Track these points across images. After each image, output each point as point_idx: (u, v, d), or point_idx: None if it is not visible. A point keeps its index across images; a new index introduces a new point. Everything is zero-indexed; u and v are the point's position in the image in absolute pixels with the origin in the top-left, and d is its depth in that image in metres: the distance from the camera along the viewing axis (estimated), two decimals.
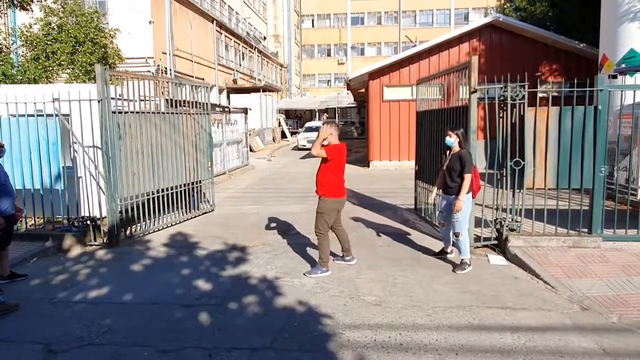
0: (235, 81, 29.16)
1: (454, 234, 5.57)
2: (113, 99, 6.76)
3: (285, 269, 5.73)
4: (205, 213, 9.00)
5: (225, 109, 15.25)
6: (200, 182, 8.92)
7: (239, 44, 31.49)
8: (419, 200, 8.56)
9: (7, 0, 12.54)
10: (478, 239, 6.33)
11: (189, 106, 8.46)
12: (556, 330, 3.99)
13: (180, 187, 8.27)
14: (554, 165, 6.09)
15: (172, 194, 8.06)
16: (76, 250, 6.65)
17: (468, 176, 5.39)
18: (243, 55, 32.67)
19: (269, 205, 9.83)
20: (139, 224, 7.36)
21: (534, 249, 6.05)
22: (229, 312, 4.51)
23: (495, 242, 6.34)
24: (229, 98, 28.07)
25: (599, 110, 5.92)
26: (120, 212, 6.97)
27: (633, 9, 8.98)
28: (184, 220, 8.30)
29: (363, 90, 21.01)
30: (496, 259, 5.96)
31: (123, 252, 6.55)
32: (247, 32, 34.33)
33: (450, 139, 5.56)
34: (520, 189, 6.21)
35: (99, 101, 6.65)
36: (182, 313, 4.50)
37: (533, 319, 4.21)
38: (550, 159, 6.09)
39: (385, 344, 3.81)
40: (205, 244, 6.89)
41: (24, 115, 6.69)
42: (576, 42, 14.46)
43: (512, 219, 6.32)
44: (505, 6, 20.98)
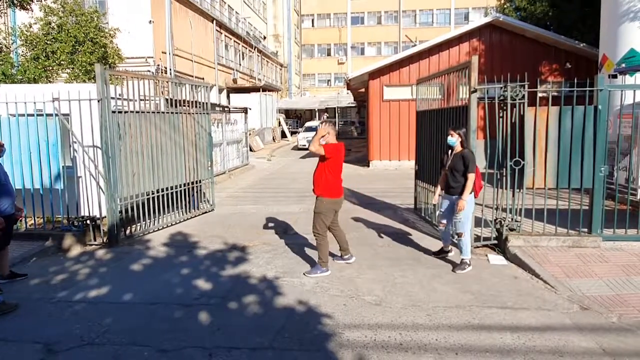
0: (235, 81, 29.16)
1: (457, 234, 5.55)
2: (113, 98, 6.77)
3: (285, 268, 5.73)
4: (205, 213, 9.00)
5: (225, 109, 15.25)
6: (200, 182, 8.92)
7: (239, 44, 31.48)
8: (418, 200, 8.56)
9: (7, 0, 12.54)
10: (478, 238, 6.33)
11: (189, 106, 8.46)
12: (556, 330, 3.99)
13: (180, 187, 8.27)
14: (553, 165, 6.09)
15: (172, 193, 8.06)
16: (76, 250, 6.65)
17: (471, 176, 5.37)
18: (243, 54, 32.67)
19: (269, 205, 9.83)
20: (139, 224, 7.36)
21: (534, 248, 6.05)
22: (229, 312, 4.51)
23: (495, 242, 6.34)
24: (228, 98, 28.07)
25: (599, 110, 5.92)
26: (120, 212, 6.98)
27: (633, 8, 8.98)
28: (184, 220, 8.30)
29: (363, 90, 21.01)
30: (496, 259, 5.96)
31: (123, 252, 6.55)
32: (247, 32, 34.33)
33: (452, 139, 5.54)
34: (520, 189, 6.21)
35: (98, 101, 6.65)
36: (182, 313, 4.50)
37: (533, 319, 4.21)
38: (550, 159, 6.09)
39: (385, 343, 3.81)
40: (205, 244, 6.89)
41: (23, 115, 6.69)
42: (576, 42, 14.46)
43: (512, 219, 6.32)
44: (505, 6, 20.96)
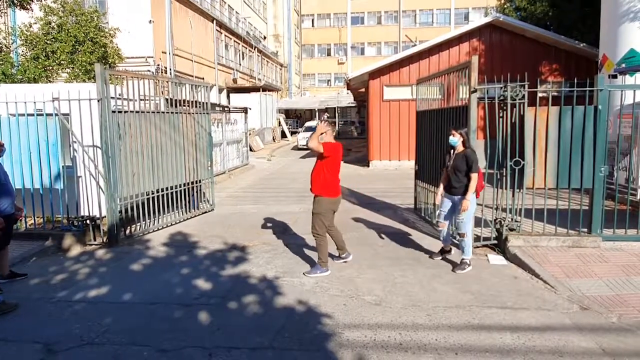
0: (235, 81, 29.15)
1: (459, 234, 5.54)
2: (113, 98, 6.76)
3: (285, 268, 5.73)
4: (205, 212, 9.00)
5: (225, 109, 15.24)
6: (200, 182, 8.92)
7: (239, 44, 31.48)
8: (418, 200, 8.56)
9: (7, 0, 12.53)
10: (478, 238, 6.32)
11: (188, 106, 8.46)
12: (556, 330, 3.99)
13: (180, 187, 8.27)
14: (553, 165, 6.09)
15: (172, 193, 8.06)
16: (76, 250, 6.65)
17: (475, 176, 5.35)
18: (243, 54, 32.66)
19: (269, 205, 9.83)
20: (139, 224, 7.36)
21: (534, 248, 6.05)
22: (228, 312, 4.51)
23: (495, 242, 6.34)
24: (228, 97, 28.07)
25: (599, 110, 5.91)
26: (120, 212, 6.98)
27: (633, 8, 8.98)
28: (184, 220, 8.30)
29: (363, 89, 21.01)
30: (496, 259, 5.96)
31: (123, 252, 6.55)
32: (247, 32, 34.32)
33: (454, 139, 5.52)
34: (520, 189, 6.21)
35: (98, 100, 6.65)
36: (182, 312, 4.50)
37: (533, 319, 4.21)
38: (550, 159, 6.08)
39: (384, 343, 3.81)
40: (205, 244, 6.89)
41: (23, 114, 6.69)
42: (576, 42, 14.46)
43: (512, 219, 6.32)
44: (505, 6, 20.96)
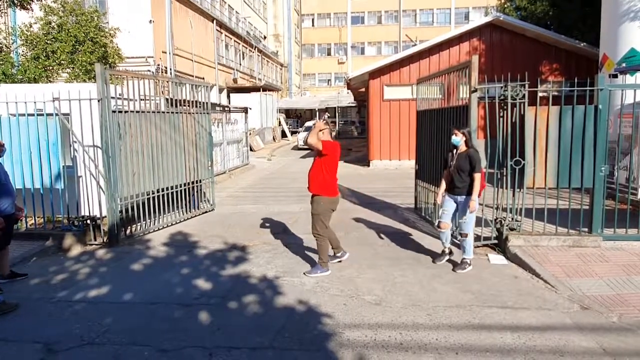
0: (235, 80, 29.14)
1: (461, 234, 5.53)
2: (113, 98, 6.77)
3: (285, 268, 5.73)
4: (206, 212, 9.00)
5: (226, 109, 15.24)
6: (200, 182, 8.92)
7: (239, 44, 31.48)
8: (419, 200, 8.56)
9: (7, 0, 12.53)
10: (478, 238, 6.31)
11: (189, 105, 8.46)
12: (556, 330, 3.99)
13: (181, 187, 8.27)
14: (554, 165, 6.08)
15: (172, 193, 8.06)
16: (76, 250, 6.65)
17: (478, 176, 5.33)
18: (243, 54, 32.66)
19: (269, 205, 9.83)
20: (139, 224, 7.36)
21: (534, 248, 6.04)
22: (229, 312, 4.51)
23: (496, 242, 6.34)
24: (229, 97, 28.07)
25: (600, 109, 5.91)
26: (120, 212, 6.98)
27: (633, 8, 8.97)
28: (184, 220, 8.30)
29: (363, 89, 20.99)
30: (496, 259, 5.96)
31: (123, 252, 6.55)
32: (247, 32, 34.32)
33: (457, 138, 5.49)
34: (521, 189, 6.21)
35: (99, 100, 6.65)
36: (182, 312, 4.50)
37: (533, 319, 4.21)
38: (550, 159, 6.08)
39: (385, 343, 3.81)
40: (205, 243, 6.89)
41: (24, 114, 6.70)
42: (577, 42, 14.44)
43: (512, 219, 6.32)
44: (505, 5, 20.95)
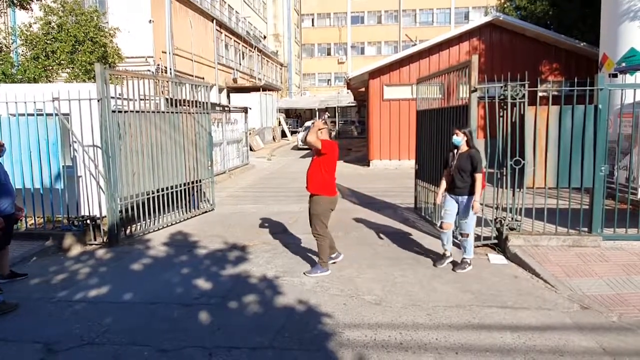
0: (235, 80, 29.14)
1: (463, 234, 5.53)
2: (113, 98, 6.77)
3: (285, 268, 5.73)
4: (205, 212, 9.00)
5: (225, 108, 15.24)
6: (200, 182, 8.92)
7: (239, 43, 31.47)
8: (419, 200, 8.56)
9: (7, 0, 12.53)
10: (478, 238, 6.31)
11: (189, 105, 8.46)
12: (556, 330, 3.99)
13: (180, 187, 8.26)
14: (554, 165, 6.08)
15: (172, 193, 8.06)
16: (76, 250, 6.65)
17: (480, 176, 5.33)
18: (243, 54, 32.65)
19: (269, 205, 9.83)
20: (139, 223, 7.36)
21: (534, 248, 6.04)
22: (229, 311, 4.51)
23: (496, 242, 6.34)
24: (229, 97, 28.06)
25: (599, 109, 5.91)
26: (120, 212, 6.98)
27: (633, 7, 8.97)
28: (184, 220, 8.30)
29: (363, 89, 21.00)
30: (496, 258, 5.96)
31: (123, 252, 6.55)
32: (247, 31, 34.31)
33: (458, 138, 5.47)
34: (521, 188, 6.21)
35: (98, 100, 6.65)
36: (182, 312, 4.50)
37: (533, 318, 4.21)
38: (550, 158, 6.08)
39: (385, 343, 3.81)
40: (205, 243, 6.89)
41: (23, 114, 6.69)
42: (576, 41, 14.44)
43: (512, 218, 6.32)
44: (505, 5, 20.94)
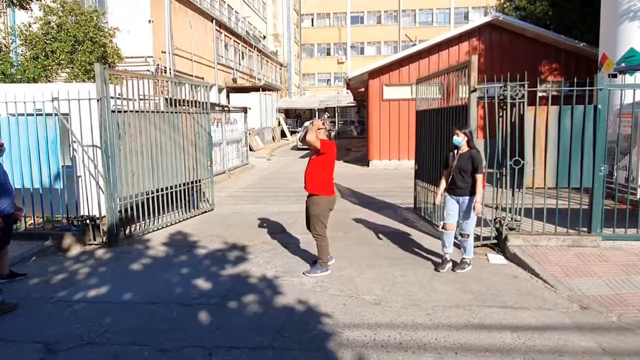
0: (234, 80, 29.13)
1: (463, 235, 5.52)
2: (112, 98, 6.76)
3: (285, 268, 5.73)
4: (205, 212, 9.00)
5: (225, 108, 15.23)
6: (199, 182, 8.91)
7: (239, 43, 31.46)
8: (418, 200, 8.56)
9: (7, 0, 12.53)
10: (478, 238, 6.31)
11: (188, 105, 8.46)
12: (556, 330, 3.99)
13: (180, 187, 8.26)
14: (553, 165, 6.09)
15: (172, 193, 8.05)
16: (76, 250, 6.65)
17: (480, 177, 5.32)
18: (242, 54, 32.64)
19: (269, 205, 9.82)
20: (139, 223, 7.36)
21: (534, 248, 6.05)
22: (228, 311, 4.51)
23: (495, 242, 6.34)
24: (228, 97, 28.05)
25: (599, 109, 5.91)
26: (120, 212, 6.98)
27: (633, 8, 8.97)
28: (184, 220, 8.30)
29: (363, 89, 21.00)
30: (496, 258, 5.96)
31: (122, 252, 6.55)
32: (247, 31, 34.30)
33: (458, 138, 5.43)
34: (520, 188, 6.21)
35: (98, 100, 6.64)
36: (182, 312, 4.50)
37: (533, 318, 4.21)
38: (549, 158, 6.08)
39: (384, 343, 3.81)
40: (204, 243, 6.89)
41: (23, 114, 6.69)
42: (576, 41, 14.46)
43: (512, 218, 6.33)
44: (505, 5, 20.96)
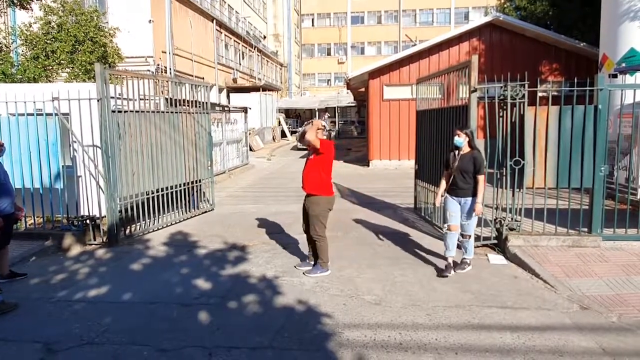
0: (235, 80, 29.13)
1: (464, 235, 5.52)
2: (113, 98, 6.76)
3: (285, 268, 5.73)
4: (205, 212, 9.00)
5: (225, 108, 15.24)
6: (200, 181, 8.91)
7: (239, 43, 31.46)
8: (418, 200, 8.56)
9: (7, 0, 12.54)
10: (478, 238, 6.30)
11: (188, 105, 8.46)
12: (556, 330, 3.99)
13: (180, 186, 8.26)
14: (553, 165, 6.08)
15: (172, 193, 8.05)
16: (76, 250, 6.65)
17: (482, 178, 5.31)
18: (243, 54, 32.64)
19: (269, 205, 9.82)
20: (139, 223, 7.36)
21: (534, 248, 6.04)
22: (228, 311, 4.51)
23: (495, 242, 6.34)
24: (228, 97, 28.05)
25: (599, 109, 5.91)
26: (120, 211, 6.98)
27: (633, 8, 8.97)
28: (184, 220, 8.30)
29: (363, 89, 21.00)
30: (496, 259, 5.96)
31: (122, 251, 6.55)
32: (247, 31, 34.30)
33: (459, 139, 5.40)
34: (520, 188, 6.21)
35: (98, 100, 6.64)
36: (182, 312, 4.49)
37: (533, 319, 4.21)
38: (550, 158, 6.08)
39: (384, 343, 3.81)
40: (204, 243, 6.89)
41: (23, 114, 6.69)
42: (576, 41, 14.45)
43: (512, 219, 6.32)
44: (505, 5, 20.96)
